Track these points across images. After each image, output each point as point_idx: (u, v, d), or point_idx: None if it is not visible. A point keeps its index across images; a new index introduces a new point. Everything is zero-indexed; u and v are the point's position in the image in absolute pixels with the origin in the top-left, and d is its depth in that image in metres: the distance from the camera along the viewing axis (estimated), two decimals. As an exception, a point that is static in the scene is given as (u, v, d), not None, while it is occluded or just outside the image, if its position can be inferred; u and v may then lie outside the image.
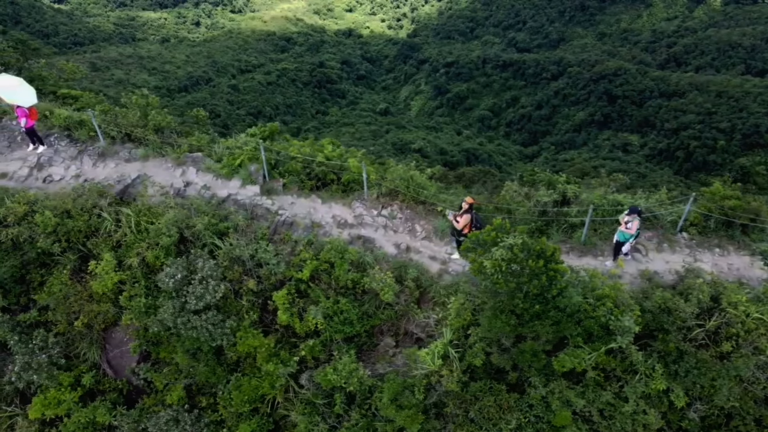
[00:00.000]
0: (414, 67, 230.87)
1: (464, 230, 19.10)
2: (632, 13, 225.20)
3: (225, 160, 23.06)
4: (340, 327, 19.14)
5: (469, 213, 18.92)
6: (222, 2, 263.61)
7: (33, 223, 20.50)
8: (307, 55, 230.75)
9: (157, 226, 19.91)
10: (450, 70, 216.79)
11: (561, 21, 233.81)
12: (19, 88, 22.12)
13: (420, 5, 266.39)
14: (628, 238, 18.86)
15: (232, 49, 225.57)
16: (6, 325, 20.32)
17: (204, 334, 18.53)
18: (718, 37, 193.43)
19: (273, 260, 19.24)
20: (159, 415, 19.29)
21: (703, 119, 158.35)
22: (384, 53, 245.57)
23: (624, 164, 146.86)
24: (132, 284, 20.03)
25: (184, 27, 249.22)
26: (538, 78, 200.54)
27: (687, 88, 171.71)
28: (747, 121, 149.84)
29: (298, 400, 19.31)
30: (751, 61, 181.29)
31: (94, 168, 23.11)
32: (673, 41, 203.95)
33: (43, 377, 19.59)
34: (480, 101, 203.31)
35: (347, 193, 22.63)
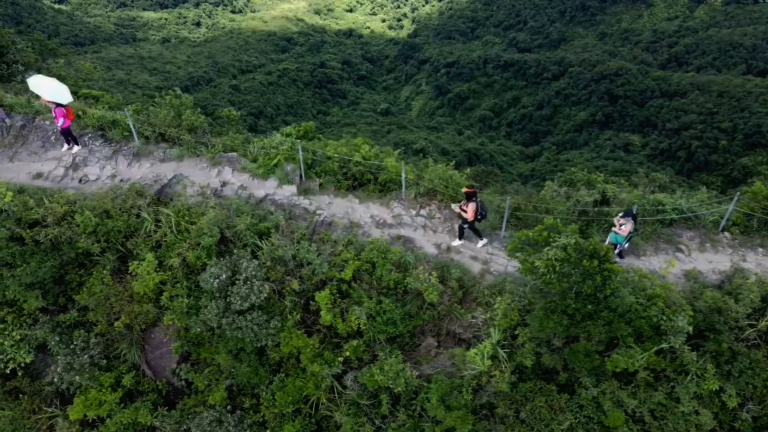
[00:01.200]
0: (415, 67, 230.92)
1: (471, 218, 19.43)
2: (633, 13, 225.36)
3: (260, 160, 23.00)
4: (383, 327, 19.06)
5: (474, 201, 19.22)
6: (222, 2, 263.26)
7: (72, 223, 20.35)
8: (308, 55, 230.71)
9: (199, 226, 19.83)
10: (451, 70, 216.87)
11: (562, 21, 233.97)
12: (56, 87, 22.10)
13: (420, 5, 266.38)
14: (621, 240, 18.94)
15: (233, 50, 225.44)
16: (46, 326, 20.23)
17: (249, 334, 18.45)
18: (719, 37, 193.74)
19: (317, 260, 19.14)
20: (202, 415, 19.20)
21: (705, 119, 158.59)
22: (385, 53, 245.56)
23: (626, 164, 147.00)
24: (173, 284, 19.91)
25: (184, 27, 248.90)
26: (539, 78, 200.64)
27: (688, 88, 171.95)
28: (749, 121, 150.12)
29: (341, 401, 19.18)
30: (752, 61, 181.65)
31: (129, 168, 23.02)
32: (674, 41, 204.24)
33: (84, 378, 19.50)
34: (481, 101, 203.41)
35: (384, 193, 22.54)
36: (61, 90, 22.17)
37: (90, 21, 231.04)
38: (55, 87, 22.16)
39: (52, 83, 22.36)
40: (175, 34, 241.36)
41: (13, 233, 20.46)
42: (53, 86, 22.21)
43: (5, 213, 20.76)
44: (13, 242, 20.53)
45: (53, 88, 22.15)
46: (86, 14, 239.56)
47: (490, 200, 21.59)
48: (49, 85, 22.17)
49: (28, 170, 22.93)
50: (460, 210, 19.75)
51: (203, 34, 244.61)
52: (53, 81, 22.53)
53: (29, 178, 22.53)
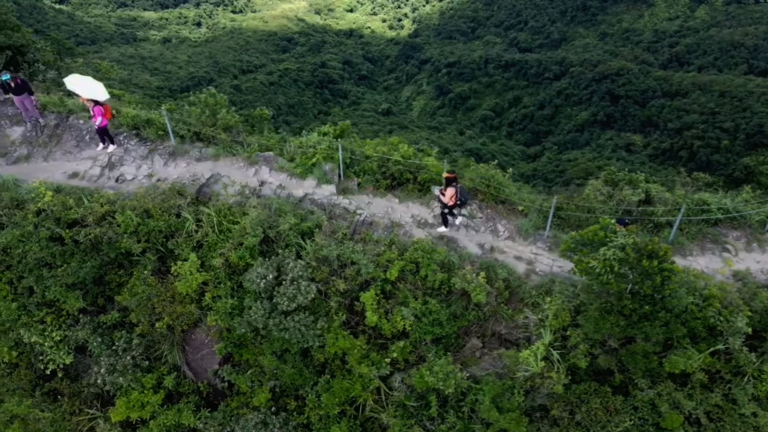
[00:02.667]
0: (416, 67, 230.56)
1: (450, 203, 19.62)
2: (634, 13, 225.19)
3: (298, 159, 22.82)
4: (429, 328, 18.92)
5: (453, 186, 19.33)
6: (223, 2, 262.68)
7: (113, 223, 20.16)
8: (309, 55, 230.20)
9: (242, 226, 19.65)
10: (452, 70, 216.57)
11: (562, 21, 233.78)
12: (93, 84, 21.92)
13: (421, 5, 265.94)
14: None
15: (234, 50, 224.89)
16: (88, 327, 20.02)
17: (296, 335, 18.28)
18: (721, 36, 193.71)
19: (363, 260, 18.97)
20: (247, 417, 19.03)
21: (707, 119, 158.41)
22: (385, 53, 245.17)
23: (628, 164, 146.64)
24: (215, 285, 19.72)
25: (185, 27, 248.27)
26: (540, 78, 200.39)
27: (690, 87, 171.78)
28: (750, 120, 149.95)
29: (388, 402, 19.01)
30: (753, 60, 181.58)
31: (165, 167, 22.83)
32: (675, 41, 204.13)
33: (127, 379, 19.33)
34: (482, 101, 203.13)
35: (423, 192, 22.37)
36: (98, 87, 21.98)
37: (90, 21, 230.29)
38: (92, 85, 21.99)
39: (89, 81, 22.20)
40: (176, 34, 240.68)
41: (53, 233, 20.24)
42: (90, 84, 22.05)
43: (44, 213, 20.54)
44: (53, 242, 20.31)
45: (90, 85, 21.98)
46: (87, 14, 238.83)
47: (532, 200, 21.41)
48: (86, 83, 21.99)
49: (63, 170, 22.73)
50: (439, 194, 19.95)
51: (204, 34, 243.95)
52: (89, 79, 22.35)
53: (65, 178, 22.32)
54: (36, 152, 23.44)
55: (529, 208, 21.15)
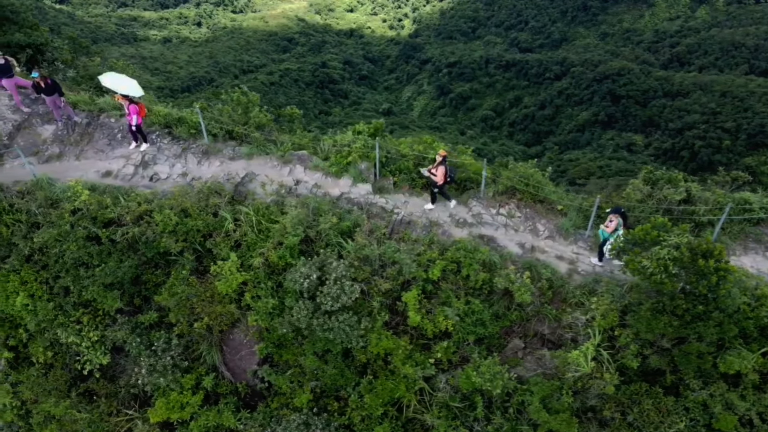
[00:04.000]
0: (416, 67, 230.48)
1: (441, 181, 19.91)
2: (634, 13, 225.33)
3: (332, 158, 22.63)
4: (472, 328, 18.78)
5: (443, 165, 19.63)
6: (223, 2, 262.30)
7: (151, 222, 19.96)
8: (309, 55, 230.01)
9: (282, 225, 19.45)
10: (452, 70, 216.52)
11: (563, 21, 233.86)
12: (127, 81, 21.72)
13: (421, 5, 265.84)
14: (606, 236, 18.68)
15: (234, 50, 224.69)
16: (126, 327, 19.83)
17: (340, 335, 18.09)
18: (721, 36, 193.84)
19: (407, 260, 18.79)
20: (290, 418, 18.85)
21: (708, 119, 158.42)
22: (386, 53, 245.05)
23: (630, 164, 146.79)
24: (255, 285, 19.52)
25: (185, 27, 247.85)
26: (541, 78, 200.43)
27: (691, 87, 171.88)
28: (752, 120, 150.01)
29: (432, 403, 18.84)
30: (754, 61, 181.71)
31: (199, 166, 22.64)
32: (676, 41, 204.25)
33: (168, 380, 19.11)
34: (483, 101, 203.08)
35: (460, 192, 22.19)
36: (133, 84, 21.80)
37: (91, 21, 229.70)
38: (127, 82, 21.80)
39: (124, 79, 21.99)
40: (176, 34, 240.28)
41: (89, 232, 20.06)
42: (125, 81, 21.86)
43: (79, 212, 20.35)
44: (89, 242, 20.13)
45: (125, 82, 21.79)
46: (87, 14, 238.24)
47: (571, 199, 21.25)
48: (121, 80, 21.80)
49: (95, 168, 22.51)
50: (429, 174, 20.17)
51: (204, 34, 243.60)
52: (124, 77, 22.15)
53: (98, 177, 22.12)
54: (68, 151, 23.22)
55: (568, 208, 20.98)
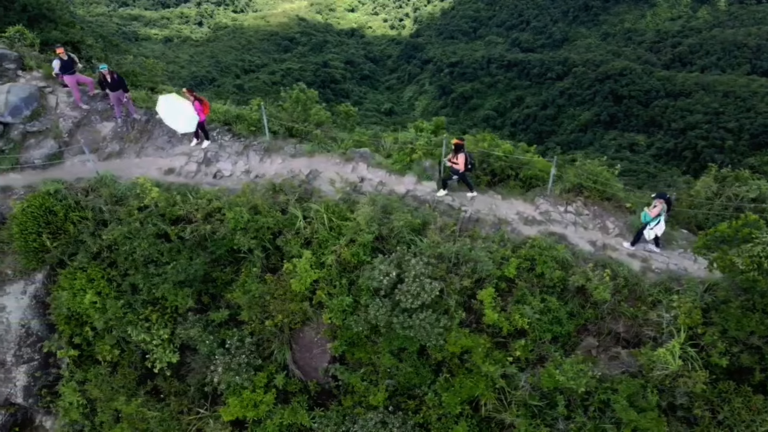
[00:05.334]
0: (418, 67, 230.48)
1: (463, 169, 20.27)
2: (636, 13, 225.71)
3: (395, 155, 22.54)
4: (548, 326, 18.68)
5: (463, 152, 20.10)
6: (224, 2, 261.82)
7: (222, 219, 19.85)
8: (311, 54, 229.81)
9: (356, 223, 19.34)
10: (454, 70, 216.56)
11: (564, 21, 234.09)
12: (177, 114, 21.73)
13: (422, 5, 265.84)
14: (648, 220, 18.76)
15: (236, 49, 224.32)
16: (198, 325, 19.69)
17: (421, 333, 17.97)
18: (723, 37, 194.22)
19: (484, 258, 18.71)
20: (366, 417, 18.74)
21: (711, 119, 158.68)
22: (387, 53, 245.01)
23: (633, 164, 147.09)
24: (329, 283, 19.41)
25: (186, 27, 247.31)
26: (542, 78, 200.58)
27: (693, 88, 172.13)
28: (755, 121, 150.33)
29: (509, 402, 18.74)
30: (756, 61, 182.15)
31: (261, 163, 22.54)
32: (677, 41, 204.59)
33: (243, 378, 18.96)
34: (485, 101, 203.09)
35: (525, 189, 22.13)
36: (182, 118, 21.90)
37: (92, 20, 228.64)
38: (177, 115, 21.81)
39: (177, 107, 21.86)
40: (178, 34, 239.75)
41: (159, 230, 19.92)
42: (176, 113, 21.81)
43: (147, 209, 20.23)
44: (158, 239, 19.99)
45: (175, 116, 21.80)
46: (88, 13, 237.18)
47: (640, 197, 21.21)
48: (173, 111, 21.78)
49: (157, 165, 22.40)
50: (450, 163, 20.41)
51: (205, 33, 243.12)
52: (179, 104, 21.96)
53: (160, 174, 22.01)
54: (128, 148, 23.08)
55: (637, 205, 20.93)
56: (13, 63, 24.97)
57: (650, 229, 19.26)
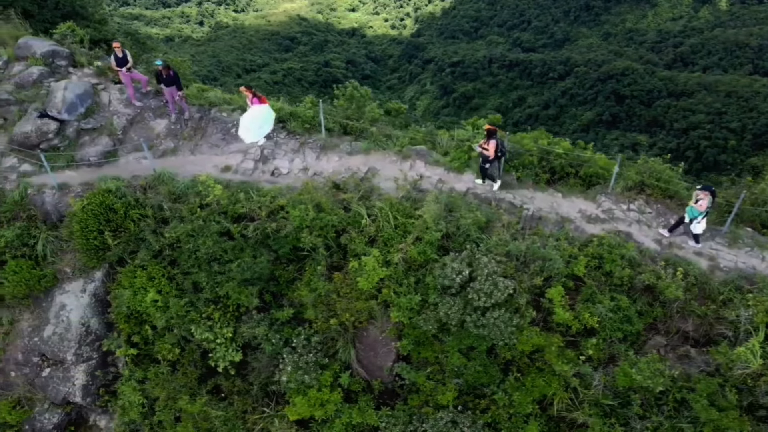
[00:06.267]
0: (419, 66, 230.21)
1: (492, 156, 20.08)
2: (637, 13, 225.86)
3: (453, 153, 22.40)
4: (618, 325, 18.53)
5: (494, 139, 19.84)
6: (225, 1, 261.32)
7: (285, 217, 19.69)
8: (312, 54, 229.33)
9: (423, 221, 19.19)
10: (455, 70, 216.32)
11: (566, 21, 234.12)
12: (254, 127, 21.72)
13: (423, 5, 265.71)
14: (697, 215, 18.73)
15: (237, 49, 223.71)
16: (264, 323, 19.52)
17: (494, 332, 17.81)
18: (725, 37, 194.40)
19: (555, 256, 18.58)
20: (437, 417, 18.58)
21: (713, 119, 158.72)
22: (388, 53, 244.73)
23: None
24: (396, 281, 19.25)
25: (187, 26, 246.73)
26: (544, 78, 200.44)
27: (695, 87, 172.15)
28: (758, 120, 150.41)
29: (581, 401, 18.60)
30: (758, 61, 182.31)
31: (318, 161, 22.37)
32: (679, 41, 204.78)
33: (312, 377, 18.78)
34: (486, 101, 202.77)
35: (586, 187, 22.00)
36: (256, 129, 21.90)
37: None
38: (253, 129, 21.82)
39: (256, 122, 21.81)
40: (178, 33, 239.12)
41: (222, 228, 19.75)
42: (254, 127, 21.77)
43: (208, 207, 20.05)
44: (221, 237, 19.83)
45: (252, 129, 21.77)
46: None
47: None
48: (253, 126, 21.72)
49: (213, 163, 22.22)
50: (481, 149, 20.26)
51: (206, 33, 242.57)
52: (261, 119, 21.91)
53: (217, 171, 21.83)
54: (182, 145, 22.90)
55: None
56: (64, 60, 24.75)
57: (697, 223, 19.19)
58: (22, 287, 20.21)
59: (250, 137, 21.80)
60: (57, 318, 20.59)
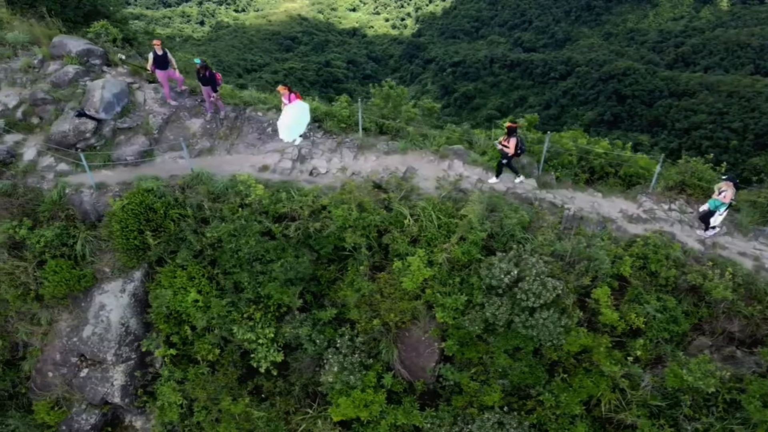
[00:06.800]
0: (420, 66, 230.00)
1: (512, 153, 20.05)
2: (638, 13, 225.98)
3: (490, 153, 22.29)
4: (665, 325, 18.44)
5: (515, 136, 19.92)
6: (225, 1, 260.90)
7: (328, 217, 19.56)
8: (313, 54, 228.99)
9: (468, 220, 19.07)
10: (457, 70, 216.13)
11: (567, 21, 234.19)
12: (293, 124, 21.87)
13: (424, 5, 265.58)
14: (719, 206, 18.70)
15: (238, 49, 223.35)
16: (307, 323, 19.40)
17: (543, 332, 17.71)
18: (726, 37, 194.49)
19: (603, 256, 18.47)
20: (483, 418, 18.49)
21: (715, 119, 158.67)
22: (389, 53, 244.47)
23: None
24: (439, 281, 19.14)
25: (188, 26, 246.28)
26: (546, 78, 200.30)
27: (697, 87, 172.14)
28: (759, 121, 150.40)
29: (628, 402, 18.52)
30: (760, 61, 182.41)
31: (355, 161, 22.24)
32: (680, 41, 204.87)
33: (357, 378, 18.67)
34: (487, 101, 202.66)
35: (625, 186, 21.92)
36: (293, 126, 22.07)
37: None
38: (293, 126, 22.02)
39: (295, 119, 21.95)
40: (179, 33, 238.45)
41: (263, 227, 19.62)
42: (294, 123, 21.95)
43: (248, 206, 19.91)
44: (263, 237, 19.69)
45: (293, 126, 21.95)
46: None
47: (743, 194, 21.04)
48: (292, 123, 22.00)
49: (250, 163, 22.07)
50: (501, 146, 20.23)
51: (207, 32, 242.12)
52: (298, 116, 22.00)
53: (255, 171, 21.68)
54: (218, 145, 22.75)
55: (742, 203, 20.76)
56: (98, 59, 24.59)
57: (719, 215, 19.17)
58: (63, 287, 20.05)
59: (289, 135, 21.74)
60: (96, 318, 20.42)
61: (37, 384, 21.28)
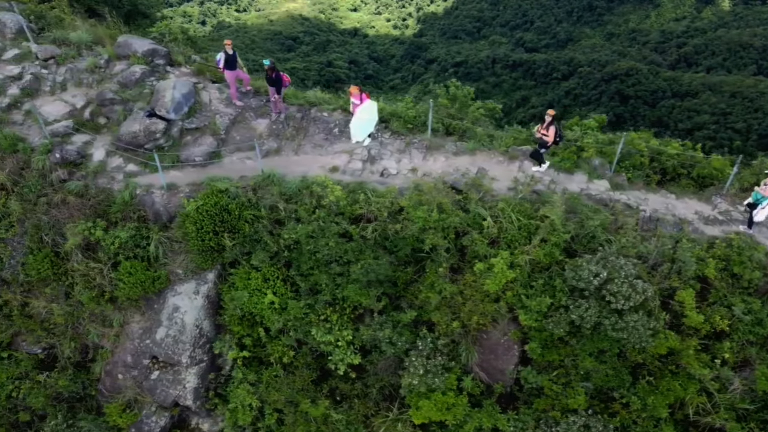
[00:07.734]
0: (422, 66, 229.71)
1: (551, 141, 20.09)
2: (640, 14, 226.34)
3: (561, 153, 22.12)
4: (750, 328, 18.32)
5: (554, 125, 19.98)
6: (227, 1, 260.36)
7: (407, 218, 19.37)
8: (314, 54, 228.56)
9: (550, 222, 18.91)
10: (459, 70, 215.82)
11: (569, 21, 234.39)
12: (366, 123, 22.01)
13: (426, 5, 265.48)
14: (759, 198, 18.79)
15: (239, 48, 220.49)
16: (387, 325, 19.22)
17: (633, 335, 17.54)
18: (729, 37, 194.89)
19: (689, 258, 18.33)
20: (569, 421, 18.36)
21: (718, 120, 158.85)
22: (391, 53, 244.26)
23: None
24: (521, 283, 18.97)
25: (190, 26, 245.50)
26: (548, 78, 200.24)
27: (700, 88, 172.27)
28: (762, 121, 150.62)
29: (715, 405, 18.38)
30: (762, 61, 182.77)
31: (425, 161, 22.07)
32: (682, 41, 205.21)
33: (441, 380, 18.50)
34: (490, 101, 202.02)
35: (698, 188, 21.78)
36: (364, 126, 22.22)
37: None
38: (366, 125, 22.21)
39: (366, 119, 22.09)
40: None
41: (341, 229, 19.44)
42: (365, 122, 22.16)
43: (324, 208, 19.71)
44: (341, 238, 19.51)
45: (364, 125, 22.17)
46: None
47: None
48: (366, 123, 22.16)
49: (318, 163, 21.86)
50: (540, 134, 20.26)
51: (208, 32, 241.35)
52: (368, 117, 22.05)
53: (324, 172, 21.46)
54: (285, 145, 22.54)
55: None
56: (162, 59, 24.36)
57: (761, 209, 19.10)
58: (138, 289, 19.84)
59: (361, 135, 21.67)
60: (170, 320, 20.21)
61: (107, 386, 21.07)
